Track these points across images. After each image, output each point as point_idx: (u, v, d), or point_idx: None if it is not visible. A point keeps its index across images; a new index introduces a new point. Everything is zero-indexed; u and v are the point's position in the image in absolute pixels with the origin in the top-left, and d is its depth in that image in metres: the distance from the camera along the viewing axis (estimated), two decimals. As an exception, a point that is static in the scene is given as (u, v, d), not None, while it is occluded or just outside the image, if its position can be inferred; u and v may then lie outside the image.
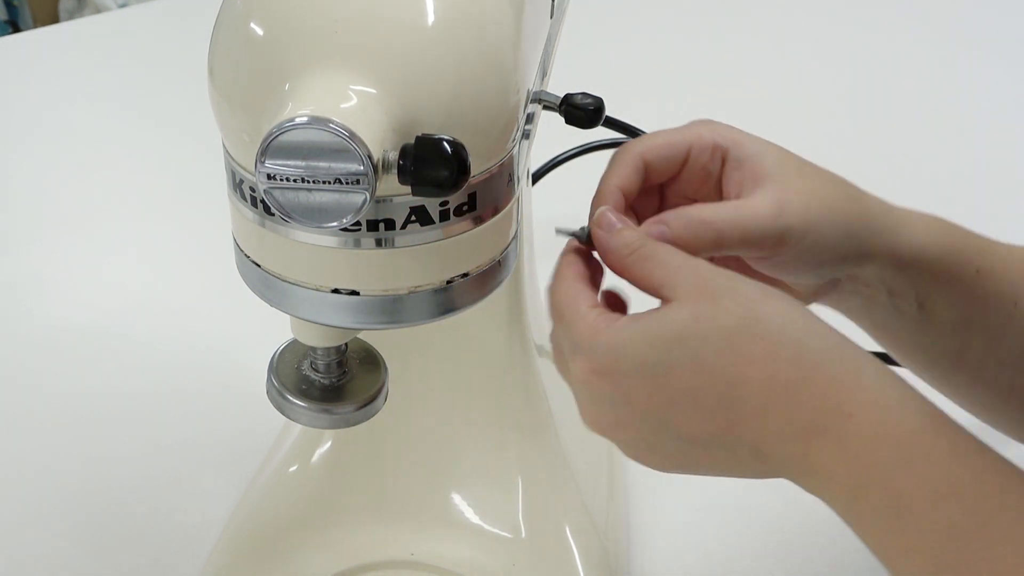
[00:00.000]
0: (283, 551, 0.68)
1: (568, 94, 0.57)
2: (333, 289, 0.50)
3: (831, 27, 1.31)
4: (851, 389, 0.46)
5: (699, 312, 0.47)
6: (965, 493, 0.44)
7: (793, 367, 0.46)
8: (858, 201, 0.57)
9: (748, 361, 0.46)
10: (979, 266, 0.57)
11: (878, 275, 0.57)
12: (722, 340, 0.46)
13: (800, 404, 0.46)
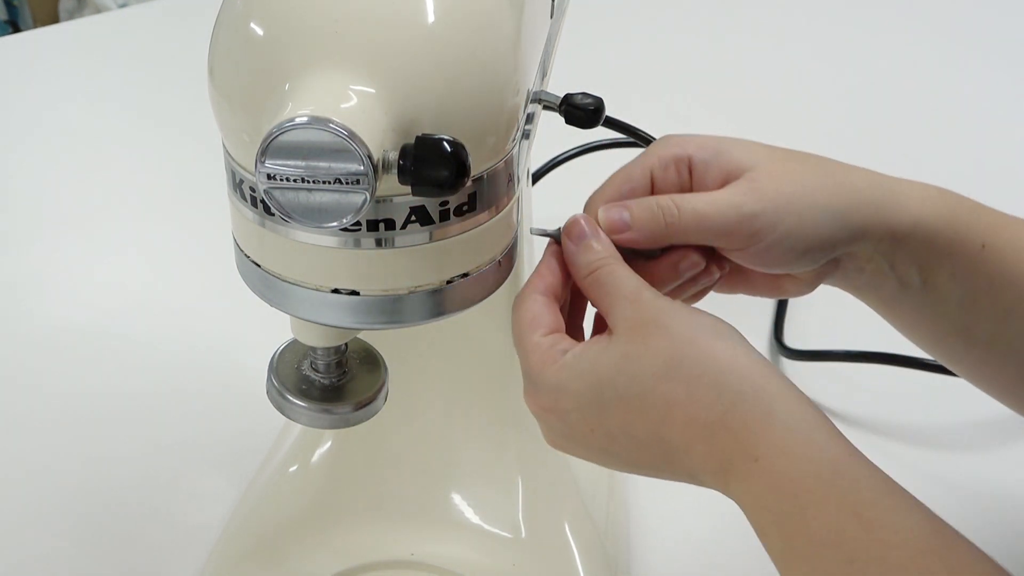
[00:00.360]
0: (283, 551, 0.68)
1: (568, 94, 0.57)
2: (333, 289, 0.50)
3: (831, 27, 1.31)
4: (759, 434, 0.48)
5: (629, 351, 0.50)
6: (844, 544, 0.45)
7: (710, 410, 0.48)
8: (842, 178, 0.56)
9: (671, 403, 0.49)
10: (985, 241, 0.57)
11: (875, 251, 0.57)
12: (648, 382, 0.49)
13: (716, 445, 0.49)
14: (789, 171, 0.55)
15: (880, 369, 0.83)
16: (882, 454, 0.80)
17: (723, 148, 0.56)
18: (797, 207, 0.54)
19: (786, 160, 0.56)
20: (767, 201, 0.54)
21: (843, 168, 0.57)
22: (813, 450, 0.47)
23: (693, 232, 0.54)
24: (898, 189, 0.57)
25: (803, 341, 0.87)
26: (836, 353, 0.85)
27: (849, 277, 0.59)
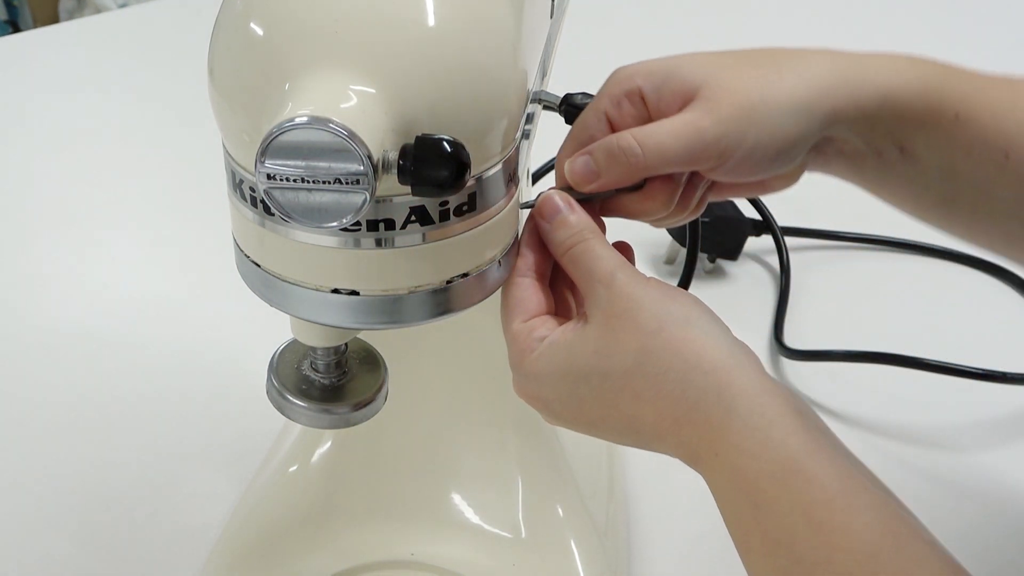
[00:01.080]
0: (283, 551, 0.68)
1: (568, 94, 0.57)
2: (333, 289, 0.50)
3: (832, 26, 1.31)
4: (720, 430, 0.49)
5: (600, 348, 0.51)
6: (795, 544, 0.46)
7: (676, 406, 0.50)
8: (801, 70, 0.55)
9: (640, 400, 0.50)
10: (958, 111, 0.56)
11: (850, 131, 0.56)
12: (619, 379, 0.51)
13: (683, 438, 0.50)
14: (744, 78, 0.54)
15: (880, 369, 0.83)
16: (882, 454, 0.80)
17: (671, 69, 0.55)
18: (760, 116, 0.54)
19: (738, 66, 0.55)
20: (728, 119, 0.54)
21: (800, 57, 0.56)
22: (769, 449, 0.48)
23: (661, 165, 0.54)
24: (863, 64, 0.56)
25: (803, 341, 0.87)
26: (836, 353, 0.85)
27: (830, 163, 0.58)
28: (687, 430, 0.49)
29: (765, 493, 0.47)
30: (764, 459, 0.47)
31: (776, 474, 0.47)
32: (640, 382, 0.50)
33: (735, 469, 0.48)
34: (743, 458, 0.48)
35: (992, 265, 0.95)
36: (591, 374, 0.51)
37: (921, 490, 0.78)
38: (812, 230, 0.99)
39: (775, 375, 0.86)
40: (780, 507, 0.47)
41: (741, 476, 0.48)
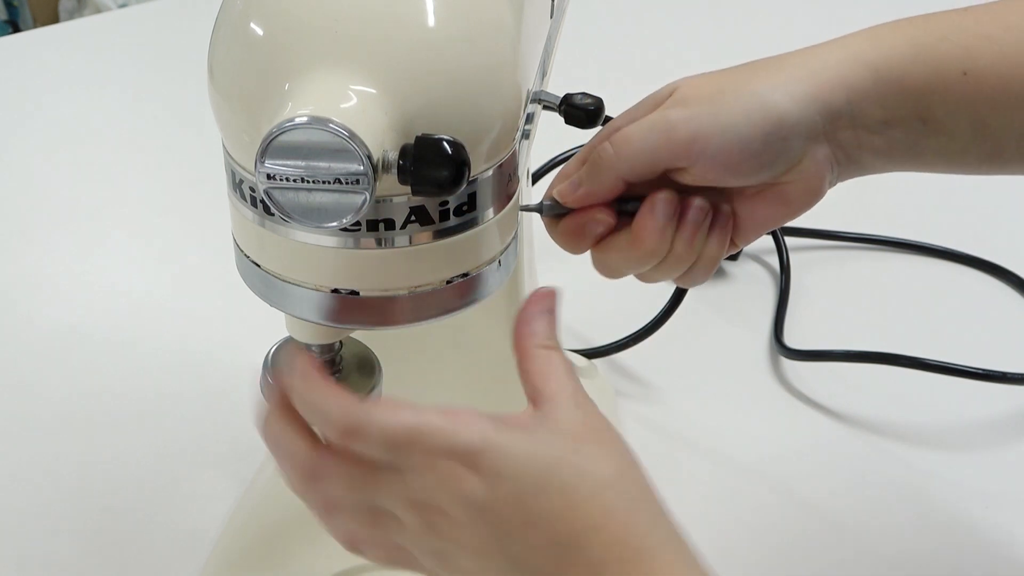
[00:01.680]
0: (283, 551, 0.68)
1: (568, 94, 0.57)
2: (333, 289, 0.50)
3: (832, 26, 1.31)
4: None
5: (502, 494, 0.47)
6: None
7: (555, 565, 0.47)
8: (776, 66, 0.55)
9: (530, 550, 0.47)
10: (965, 68, 0.54)
11: (856, 119, 0.54)
12: (511, 525, 0.47)
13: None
14: (717, 77, 0.55)
15: (880, 369, 0.83)
16: (882, 454, 0.81)
17: (645, 98, 0.56)
18: (731, 99, 0.53)
19: (709, 74, 0.55)
20: (695, 103, 0.53)
21: (777, 59, 0.55)
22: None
23: (633, 158, 0.54)
24: (845, 45, 0.55)
25: (803, 341, 0.87)
26: (836, 353, 0.85)
27: (859, 162, 0.56)
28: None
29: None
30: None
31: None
32: (522, 533, 0.47)
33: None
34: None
35: (992, 265, 0.95)
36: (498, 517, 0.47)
37: (921, 490, 0.78)
38: (812, 230, 0.99)
39: (775, 375, 0.86)
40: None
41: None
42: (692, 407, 0.84)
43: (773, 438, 0.82)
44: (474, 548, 0.48)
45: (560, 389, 0.50)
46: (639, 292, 0.56)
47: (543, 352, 0.51)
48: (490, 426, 0.47)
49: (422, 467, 0.47)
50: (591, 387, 0.80)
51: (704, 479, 0.79)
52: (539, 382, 0.50)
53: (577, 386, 0.50)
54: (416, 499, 0.48)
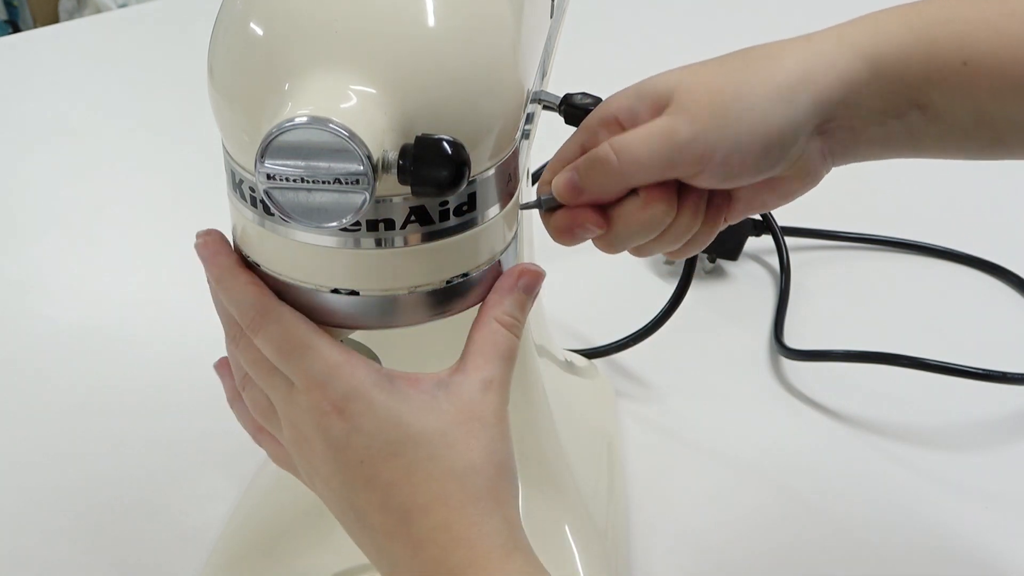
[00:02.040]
0: (283, 551, 0.68)
1: (568, 94, 0.57)
2: (333, 289, 0.50)
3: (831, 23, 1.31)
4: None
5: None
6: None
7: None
8: (774, 61, 0.54)
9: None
10: (966, 57, 0.53)
11: (852, 108, 0.54)
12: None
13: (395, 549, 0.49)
14: (716, 78, 0.54)
15: (880, 369, 0.83)
16: (882, 454, 0.81)
17: (642, 87, 0.55)
18: (736, 112, 0.53)
19: (709, 68, 0.55)
20: (702, 120, 0.53)
21: (773, 48, 0.55)
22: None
23: (637, 172, 0.54)
24: (841, 35, 0.55)
25: (803, 341, 0.87)
26: (836, 353, 0.85)
27: (854, 149, 0.56)
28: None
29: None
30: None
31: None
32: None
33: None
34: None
35: (992, 265, 0.95)
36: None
37: (921, 490, 0.78)
38: (812, 230, 0.99)
39: (775, 375, 0.86)
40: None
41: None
42: (692, 407, 0.84)
43: (773, 438, 0.82)
44: (325, 480, 0.51)
45: (479, 367, 0.51)
46: (639, 292, 0.56)
47: (495, 326, 0.51)
48: (372, 378, 0.49)
49: (303, 386, 0.50)
50: (591, 387, 0.81)
51: (704, 479, 0.79)
52: (470, 351, 0.51)
53: (500, 372, 0.51)
54: (291, 415, 0.51)
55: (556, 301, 0.75)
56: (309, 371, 0.49)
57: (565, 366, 0.78)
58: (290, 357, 0.50)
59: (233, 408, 0.57)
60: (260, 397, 0.53)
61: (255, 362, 0.52)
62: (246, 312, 0.51)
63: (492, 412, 0.50)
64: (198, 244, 0.53)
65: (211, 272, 0.52)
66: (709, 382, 0.86)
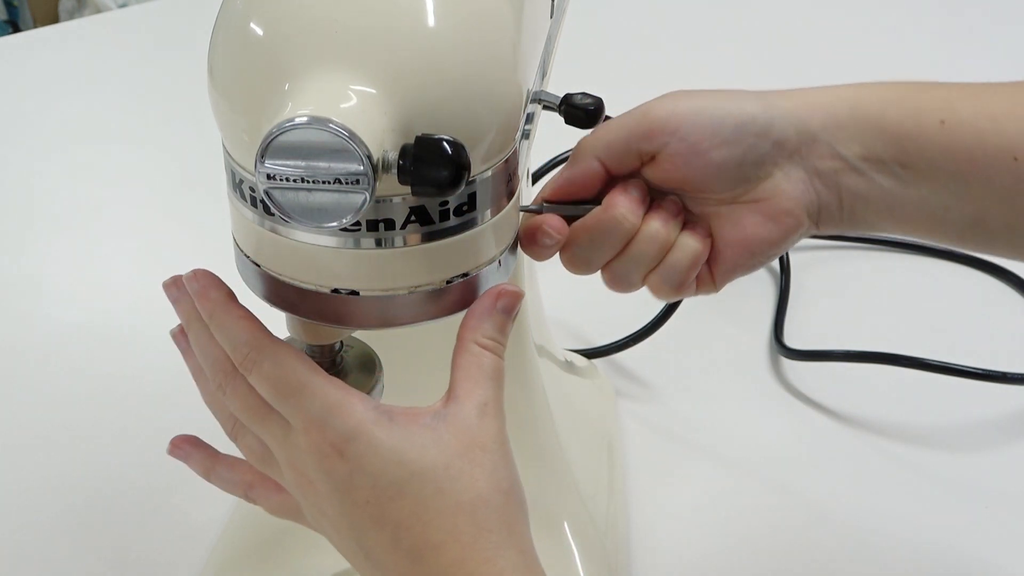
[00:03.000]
0: (283, 551, 0.68)
1: (568, 94, 0.57)
2: (333, 289, 0.50)
3: (832, 26, 1.31)
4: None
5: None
6: None
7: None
8: (758, 94, 0.56)
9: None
10: (943, 118, 0.54)
11: (835, 150, 0.55)
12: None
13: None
14: (696, 91, 0.56)
15: (880, 369, 0.83)
16: (882, 454, 0.80)
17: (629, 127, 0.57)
18: (713, 102, 0.55)
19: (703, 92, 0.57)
20: (664, 101, 0.55)
21: (758, 93, 0.57)
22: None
23: (612, 139, 0.55)
24: (830, 86, 0.56)
25: (803, 341, 0.87)
26: (836, 353, 0.85)
27: (836, 199, 0.56)
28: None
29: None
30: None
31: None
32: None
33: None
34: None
35: (992, 265, 0.95)
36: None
37: (921, 490, 0.78)
38: (812, 230, 0.99)
39: (775, 375, 0.86)
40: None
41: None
42: (692, 407, 0.84)
43: (773, 438, 0.82)
44: (332, 522, 0.50)
45: (470, 393, 0.50)
46: (639, 292, 0.56)
47: (477, 349, 0.51)
48: (372, 416, 0.49)
49: (302, 427, 0.49)
50: (591, 387, 0.81)
51: (704, 479, 0.79)
52: (458, 378, 0.51)
53: (492, 394, 0.50)
54: (291, 458, 0.50)
55: (556, 301, 0.75)
56: (307, 411, 0.49)
57: (565, 366, 0.78)
58: (287, 396, 0.49)
59: (211, 478, 0.57)
60: (255, 443, 0.52)
61: (248, 407, 0.51)
62: (239, 348, 0.50)
63: (492, 438, 0.50)
64: (187, 278, 0.53)
65: (203, 307, 0.52)
66: (709, 382, 0.86)
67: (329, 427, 0.48)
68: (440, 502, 0.48)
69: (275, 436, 0.51)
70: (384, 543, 0.48)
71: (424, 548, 0.47)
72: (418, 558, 0.48)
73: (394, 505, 0.48)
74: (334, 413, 0.48)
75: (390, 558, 0.48)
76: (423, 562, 0.47)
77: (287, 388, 0.49)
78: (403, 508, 0.48)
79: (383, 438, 0.48)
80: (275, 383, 0.50)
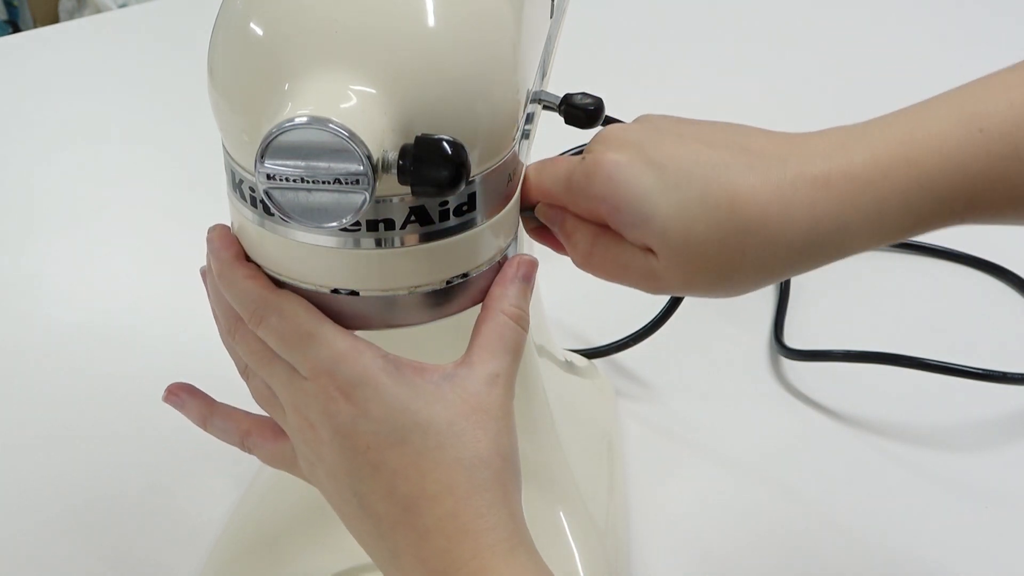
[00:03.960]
0: (283, 551, 0.68)
1: (568, 94, 0.57)
2: (333, 289, 0.50)
3: (832, 25, 1.31)
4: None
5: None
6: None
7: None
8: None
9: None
10: (981, 126, 0.50)
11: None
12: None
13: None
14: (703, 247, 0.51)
15: (880, 369, 0.83)
16: (882, 454, 0.80)
17: (642, 218, 0.52)
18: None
19: (709, 244, 0.51)
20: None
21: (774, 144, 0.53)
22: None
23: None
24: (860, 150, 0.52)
25: (803, 341, 0.87)
26: (836, 353, 0.85)
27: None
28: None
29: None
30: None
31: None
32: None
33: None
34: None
35: (992, 265, 0.95)
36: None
37: (921, 490, 0.78)
38: (812, 230, 0.99)
39: (775, 375, 0.86)
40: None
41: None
42: (692, 407, 0.84)
43: (773, 438, 0.82)
44: (329, 468, 0.50)
45: (485, 362, 0.50)
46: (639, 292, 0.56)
47: (503, 319, 0.51)
48: (381, 363, 0.49)
49: (309, 374, 0.49)
50: (591, 387, 0.81)
51: (704, 479, 0.79)
52: (476, 344, 0.51)
53: (507, 367, 0.51)
54: (295, 401, 0.50)
55: (556, 301, 0.75)
56: (315, 359, 0.49)
57: (565, 366, 0.78)
58: (295, 347, 0.50)
59: (207, 427, 0.58)
60: (262, 386, 0.53)
61: (254, 352, 0.52)
62: (247, 306, 0.51)
63: (498, 406, 0.50)
64: (208, 237, 0.53)
65: (214, 265, 0.53)
66: (709, 382, 0.86)
67: (337, 373, 0.49)
68: (440, 455, 0.48)
69: (281, 380, 0.51)
70: (380, 490, 0.49)
71: (419, 498, 0.48)
72: (412, 507, 0.48)
73: (394, 452, 0.48)
74: (342, 360, 0.49)
75: (383, 505, 0.49)
76: (416, 511, 0.48)
77: (295, 338, 0.50)
78: (403, 456, 0.48)
79: (390, 386, 0.48)
80: (282, 335, 0.50)
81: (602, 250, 0.54)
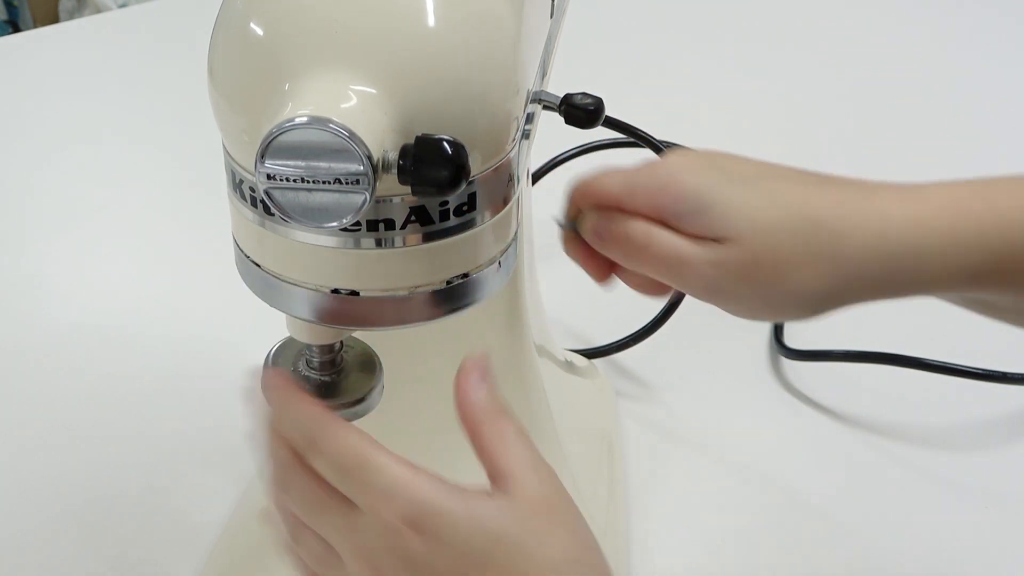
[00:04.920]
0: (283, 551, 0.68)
1: (568, 94, 0.57)
2: (333, 289, 0.50)
3: (832, 25, 1.31)
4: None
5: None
6: None
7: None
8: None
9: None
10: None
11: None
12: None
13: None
14: (780, 244, 0.53)
15: (880, 369, 0.83)
16: (882, 454, 0.81)
17: (703, 205, 0.53)
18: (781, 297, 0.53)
19: (774, 233, 0.52)
20: (753, 295, 0.54)
21: (841, 214, 0.53)
22: None
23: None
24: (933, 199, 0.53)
25: (803, 341, 0.87)
26: (836, 353, 0.85)
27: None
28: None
29: None
30: None
31: None
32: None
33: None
34: None
35: (992, 265, 0.95)
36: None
37: (921, 490, 0.78)
38: (812, 230, 0.99)
39: (775, 375, 0.86)
40: None
41: None
42: (692, 407, 0.84)
43: (773, 438, 0.82)
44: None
45: (518, 461, 0.48)
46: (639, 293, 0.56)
47: (492, 425, 0.49)
48: (440, 487, 0.47)
49: (370, 508, 0.47)
50: (591, 387, 0.81)
51: (704, 479, 0.79)
52: (495, 458, 0.49)
53: (534, 455, 0.49)
54: (356, 546, 0.48)
55: (556, 301, 0.75)
56: (374, 485, 0.47)
57: (565, 366, 0.78)
58: (351, 471, 0.47)
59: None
60: (315, 544, 0.50)
61: (306, 498, 0.49)
62: (303, 433, 0.49)
63: (558, 494, 0.48)
64: (263, 384, 0.51)
65: (269, 399, 0.51)
66: (709, 382, 0.86)
67: (399, 499, 0.46)
68: (526, 565, 0.46)
69: (336, 526, 0.48)
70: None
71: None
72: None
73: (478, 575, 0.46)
74: (401, 486, 0.46)
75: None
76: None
77: (352, 462, 0.47)
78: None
79: (459, 509, 0.46)
80: (338, 459, 0.48)
81: (660, 240, 0.54)
